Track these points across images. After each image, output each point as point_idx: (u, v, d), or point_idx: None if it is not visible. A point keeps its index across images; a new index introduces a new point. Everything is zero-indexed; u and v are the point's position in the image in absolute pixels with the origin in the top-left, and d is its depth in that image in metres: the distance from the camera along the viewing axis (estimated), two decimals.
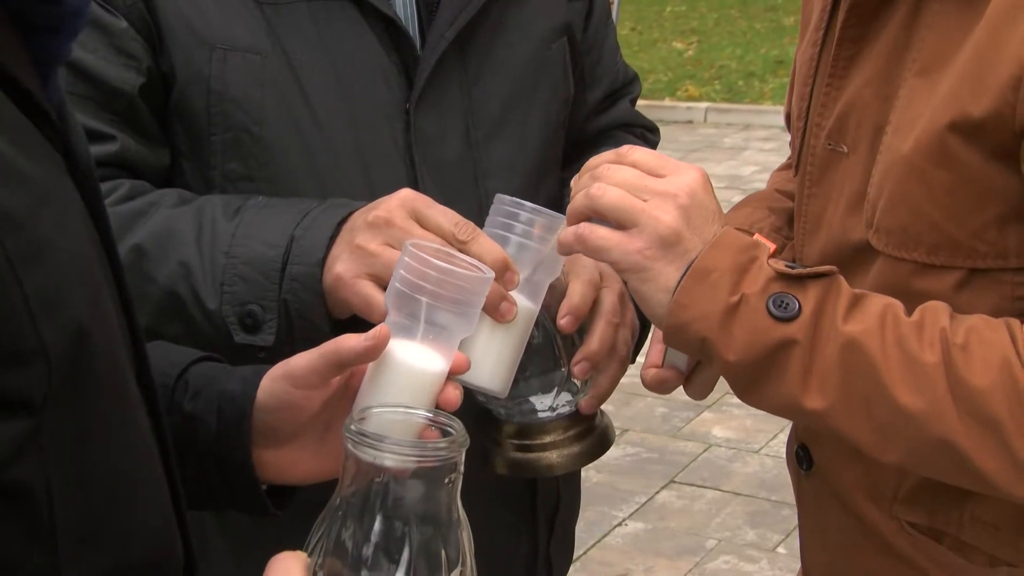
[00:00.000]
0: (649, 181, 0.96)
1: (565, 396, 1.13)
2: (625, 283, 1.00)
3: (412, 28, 1.19)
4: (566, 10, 1.30)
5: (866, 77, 1.03)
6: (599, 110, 1.40)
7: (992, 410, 0.88)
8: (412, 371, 0.86)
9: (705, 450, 3.71)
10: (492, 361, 1.01)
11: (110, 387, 0.70)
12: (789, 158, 1.39)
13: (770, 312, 0.91)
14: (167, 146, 1.19)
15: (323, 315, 1.06)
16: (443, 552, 0.76)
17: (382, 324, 0.86)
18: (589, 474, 3.50)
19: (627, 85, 1.44)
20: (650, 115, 1.51)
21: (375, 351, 0.85)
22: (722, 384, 1.20)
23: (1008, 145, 0.91)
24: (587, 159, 1.37)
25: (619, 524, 3.34)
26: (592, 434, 1.14)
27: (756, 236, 1.14)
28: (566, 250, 1.00)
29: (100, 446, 0.69)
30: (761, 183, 6.62)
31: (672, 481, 3.54)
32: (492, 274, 0.90)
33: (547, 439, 1.12)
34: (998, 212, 0.94)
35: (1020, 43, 0.88)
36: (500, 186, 1.17)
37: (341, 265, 1.04)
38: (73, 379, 0.64)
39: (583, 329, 1.12)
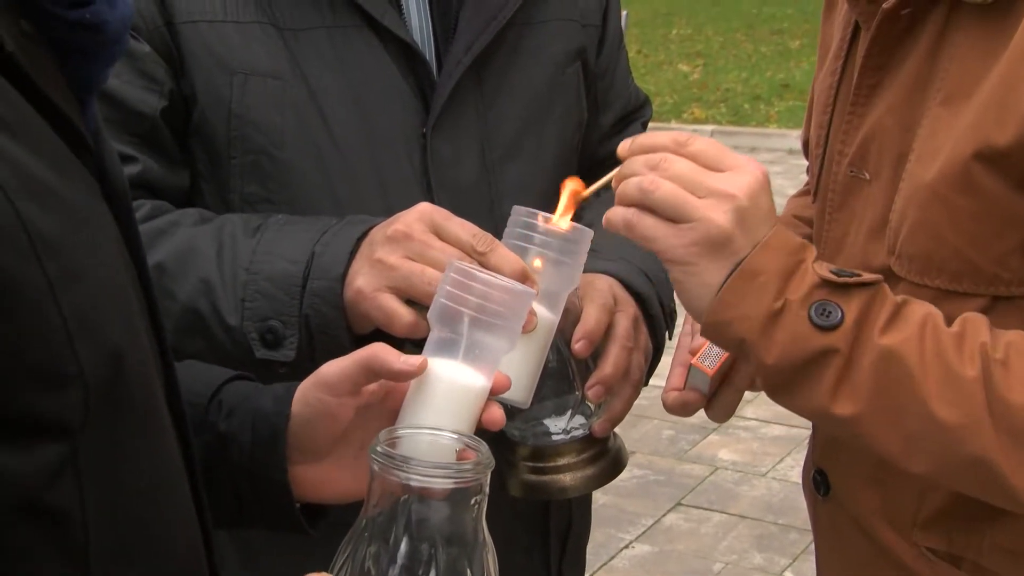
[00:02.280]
0: (707, 177, 0.93)
1: (579, 419, 1.14)
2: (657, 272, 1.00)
3: (428, 52, 1.21)
4: (580, 35, 1.31)
5: (888, 105, 1.04)
6: (611, 133, 1.42)
7: None
8: (455, 389, 0.86)
9: (712, 473, 3.71)
10: (514, 372, 1.00)
11: (143, 410, 0.71)
12: (806, 184, 1.40)
13: (812, 320, 0.91)
14: (187, 167, 1.21)
15: (344, 329, 1.07)
16: (469, 574, 0.76)
17: (421, 355, 0.87)
18: (596, 496, 3.47)
19: (639, 108, 1.46)
20: None
21: (409, 374, 0.86)
22: None
23: None
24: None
25: (626, 546, 3.33)
26: (605, 457, 1.15)
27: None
28: (613, 229, 0.97)
29: (133, 468, 0.70)
30: None
31: (679, 504, 3.54)
32: (534, 292, 0.90)
33: (561, 462, 1.13)
34: (1021, 239, 0.95)
35: None
36: None
37: (361, 279, 1.05)
38: (109, 402, 0.65)
39: (597, 353, 1.13)
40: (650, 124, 1.50)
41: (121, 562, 0.68)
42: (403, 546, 0.76)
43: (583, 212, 1.31)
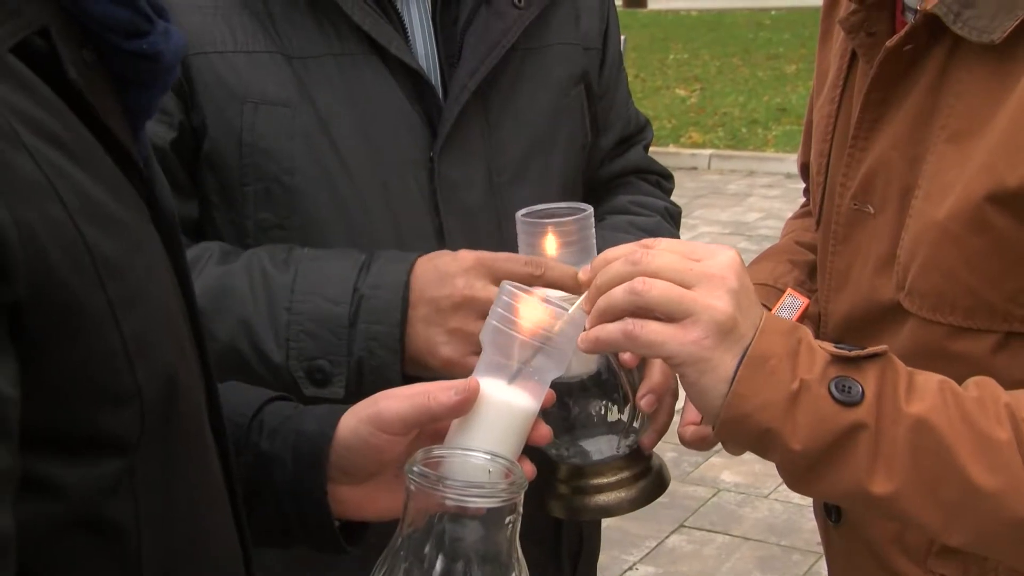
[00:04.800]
0: (693, 265, 0.89)
1: (624, 438, 1.14)
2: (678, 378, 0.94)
3: (434, 78, 1.24)
4: (583, 58, 1.34)
5: (891, 140, 1.06)
6: (613, 155, 1.44)
7: None
8: (505, 411, 0.87)
9: (714, 495, 3.72)
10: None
11: (191, 430, 0.73)
12: (803, 205, 1.41)
13: (834, 397, 0.87)
14: (196, 198, 1.22)
15: (398, 372, 1.10)
16: None
17: (471, 377, 0.88)
18: None
19: (640, 131, 1.48)
20: None
21: (466, 405, 0.87)
22: None
23: None
24: (604, 204, 1.41)
25: (630, 568, 3.34)
26: (649, 475, 1.15)
27: (789, 290, 1.17)
28: (609, 348, 0.93)
29: (183, 487, 0.72)
30: (767, 229, 6.68)
31: (682, 525, 3.54)
32: (584, 317, 0.91)
33: (605, 480, 1.13)
34: None
35: None
36: None
37: (447, 349, 1.09)
38: (162, 421, 0.68)
39: (639, 366, 1.14)
40: (665, 168, 1.52)
41: (171, 575, 0.71)
42: (438, 565, 0.77)
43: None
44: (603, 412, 1.14)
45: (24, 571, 0.59)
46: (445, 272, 1.11)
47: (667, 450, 3.96)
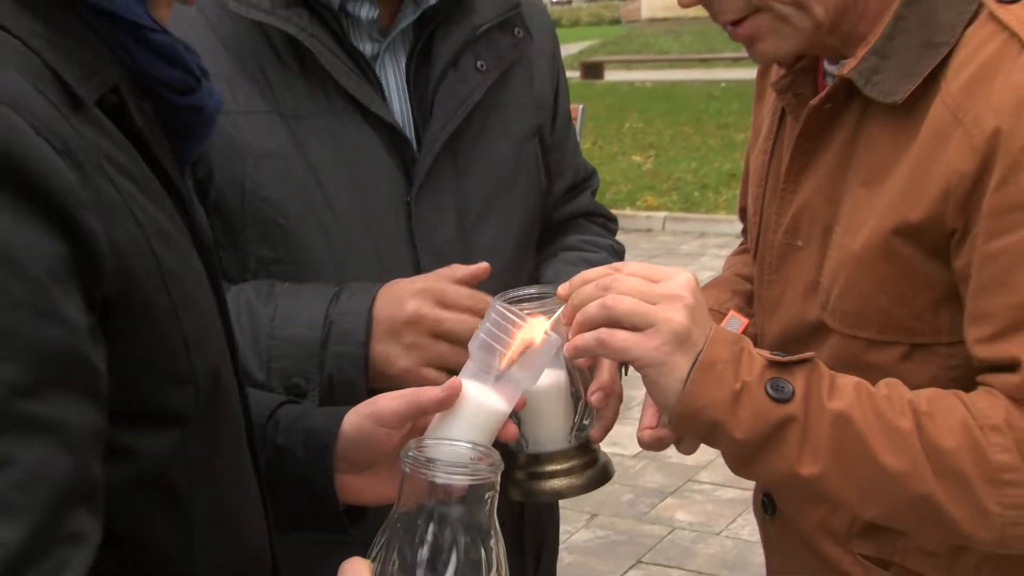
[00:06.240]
0: (655, 287, 1.04)
1: (576, 431, 1.28)
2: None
3: (409, 132, 1.40)
4: (537, 115, 1.51)
5: (815, 184, 1.21)
6: (565, 200, 1.60)
7: (960, 468, 1.01)
8: (483, 411, 1.01)
9: (670, 533, 3.80)
10: (551, 426, 1.24)
11: (229, 417, 0.87)
12: (741, 243, 1.57)
13: (769, 395, 1.03)
14: None
15: (364, 387, 1.25)
16: (483, 557, 0.89)
17: (455, 377, 1.02)
18: (563, 555, 3.56)
19: (588, 179, 1.65)
20: None
21: (450, 400, 1.01)
22: (685, 471, 1.31)
23: (940, 245, 1.07)
24: (557, 243, 1.60)
25: None
26: (596, 465, 1.29)
27: (732, 312, 1.33)
28: (586, 354, 1.07)
29: (223, 461, 0.85)
30: None
31: (639, 561, 3.62)
32: (559, 339, 1.05)
33: (557, 467, 1.27)
34: (933, 298, 1.10)
35: (946, 165, 1.04)
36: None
37: (404, 361, 1.26)
38: (209, 405, 0.81)
39: (590, 368, 1.28)
40: (610, 211, 1.70)
41: (216, 537, 0.83)
42: (429, 535, 0.87)
43: (543, 272, 1.52)
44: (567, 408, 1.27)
45: (104, 527, 0.70)
46: (399, 295, 1.27)
47: (624, 492, 4.06)
